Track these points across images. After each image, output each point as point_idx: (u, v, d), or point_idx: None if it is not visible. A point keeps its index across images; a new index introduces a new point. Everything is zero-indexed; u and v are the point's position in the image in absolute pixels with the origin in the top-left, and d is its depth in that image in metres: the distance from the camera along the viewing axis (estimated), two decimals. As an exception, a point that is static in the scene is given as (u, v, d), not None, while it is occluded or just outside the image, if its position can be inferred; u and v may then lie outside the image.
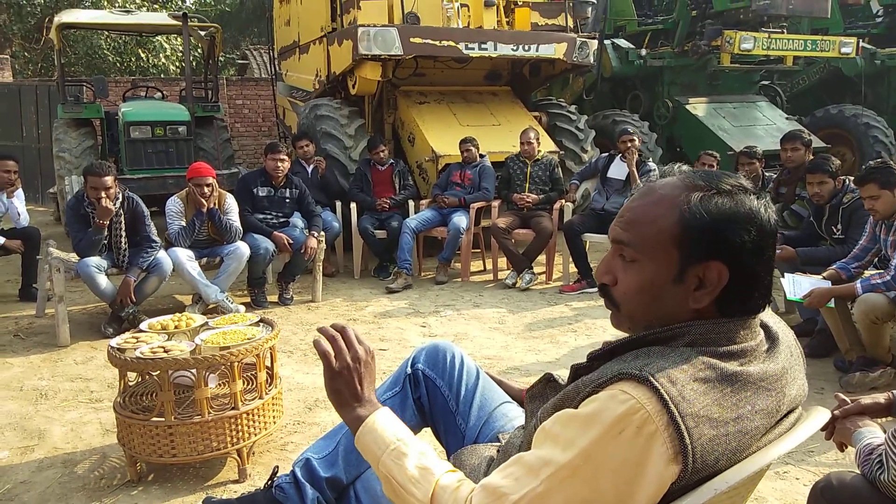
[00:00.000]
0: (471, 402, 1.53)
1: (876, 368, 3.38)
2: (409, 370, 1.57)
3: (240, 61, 16.74)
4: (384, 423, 1.14)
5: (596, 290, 5.51)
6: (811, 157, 4.68)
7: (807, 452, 2.74)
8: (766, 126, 8.29)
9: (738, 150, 7.10)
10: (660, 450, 0.88)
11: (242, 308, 4.67)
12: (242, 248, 4.83)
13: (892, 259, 3.24)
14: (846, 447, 1.64)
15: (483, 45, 6.52)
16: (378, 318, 4.80)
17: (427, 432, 1.64)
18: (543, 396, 1.19)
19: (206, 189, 4.71)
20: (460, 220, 5.72)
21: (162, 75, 14.80)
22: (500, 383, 1.54)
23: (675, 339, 1.00)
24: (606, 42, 8.42)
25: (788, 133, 5.01)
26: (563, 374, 1.22)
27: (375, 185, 6.16)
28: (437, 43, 6.37)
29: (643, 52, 8.54)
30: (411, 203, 6.20)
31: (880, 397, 1.70)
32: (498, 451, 1.32)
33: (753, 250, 0.98)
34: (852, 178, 3.98)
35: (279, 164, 5.30)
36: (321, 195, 6.03)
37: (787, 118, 8.56)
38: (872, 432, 1.57)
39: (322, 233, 5.36)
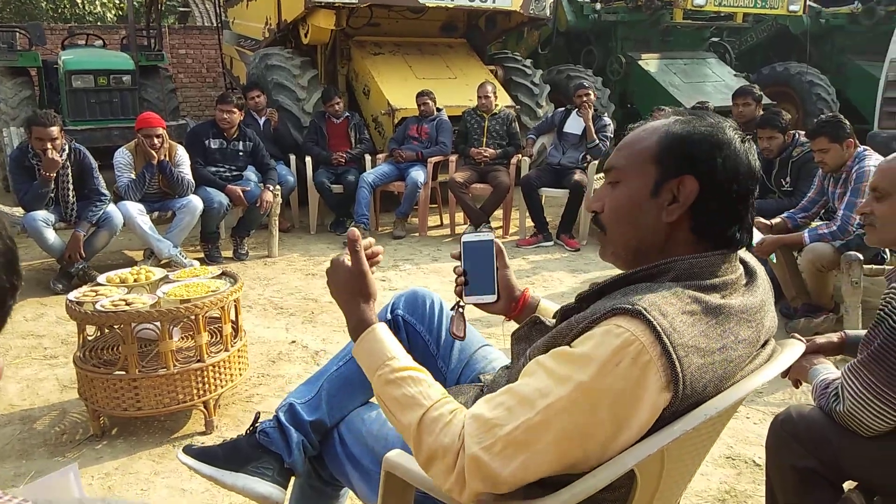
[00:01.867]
0: (451, 345, 1.55)
1: (819, 314, 3.55)
2: (388, 316, 1.58)
3: (181, 9, 16.03)
4: (385, 335, 1.18)
5: (552, 243, 5.64)
6: (761, 112, 4.80)
7: (756, 393, 2.88)
8: (715, 83, 8.42)
9: (688, 106, 7.24)
10: (654, 378, 0.92)
11: (196, 263, 4.58)
12: (195, 202, 4.71)
13: (839, 211, 3.38)
14: (801, 384, 1.74)
15: (439, -4, 6.40)
16: (337, 272, 4.77)
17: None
18: (529, 338, 1.21)
19: (156, 140, 4.55)
20: (418, 174, 5.69)
21: (99, 23, 14.08)
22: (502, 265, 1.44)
23: (661, 275, 1.04)
24: (562, -5, 8.38)
25: (740, 88, 5.11)
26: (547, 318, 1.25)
27: (330, 139, 6.05)
28: (392, -9, 6.23)
29: (598, 6, 8.52)
30: (367, 157, 6.13)
31: (834, 336, 1.80)
32: (482, 390, 1.35)
33: (725, 172, 1.03)
34: (802, 132, 4.11)
35: (226, 115, 5.12)
36: (274, 148, 5.89)
37: (735, 75, 8.70)
38: (827, 368, 1.67)
39: (278, 186, 5.26)
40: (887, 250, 3.40)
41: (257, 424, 1.56)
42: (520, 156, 5.97)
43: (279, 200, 5.27)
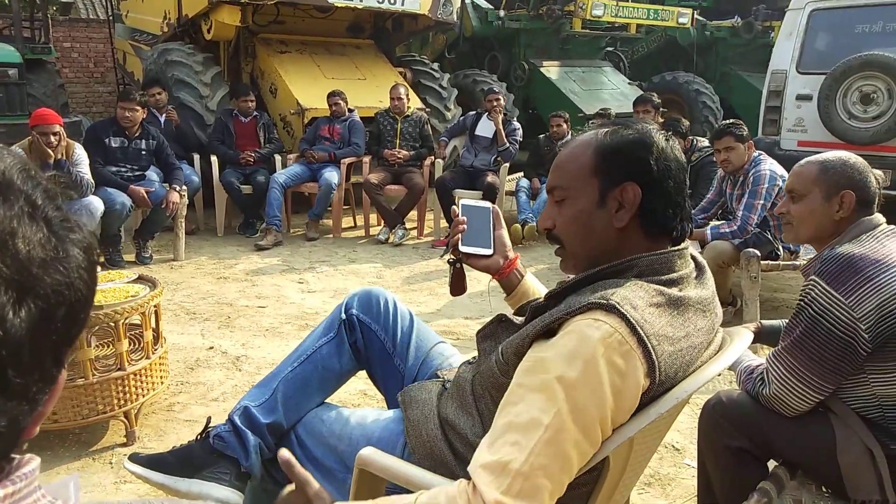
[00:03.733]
0: (407, 343, 1.57)
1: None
2: (343, 315, 1.58)
3: (63, 0, 15.02)
4: None
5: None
6: (661, 119, 5.09)
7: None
8: (611, 90, 8.83)
9: (587, 112, 7.57)
10: (636, 365, 0.99)
11: (98, 268, 4.33)
12: (95, 203, 4.44)
13: (737, 211, 3.64)
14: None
15: (348, -4, 6.36)
16: (251, 276, 4.65)
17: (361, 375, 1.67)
18: (495, 336, 1.25)
19: (52, 138, 4.26)
20: (331, 175, 5.63)
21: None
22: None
23: (626, 271, 1.11)
24: (467, 1, 8.51)
25: (640, 97, 5.40)
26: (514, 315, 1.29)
27: (238, 138, 5.87)
28: (299, -11, 6.13)
29: (501, 13, 8.74)
30: (278, 157, 6.00)
31: (751, 326, 1.95)
32: (444, 386, 1.38)
33: (660, 170, 1.12)
34: (700, 137, 4.40)
35: (128, 114, 4.85)
36: (177, 147, 5.63)
37: (629, 83, 9.18)
38: (749, 356, 1.81)
39: (184, 186, 5.06)
40: (780, 248, 3.71)
41: (209, 430, 1.51)
42: (433, 157, 6.03)
43: (185, 201, 5.06)
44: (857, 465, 1.53)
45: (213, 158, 5.76)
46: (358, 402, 2.82)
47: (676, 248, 1.15)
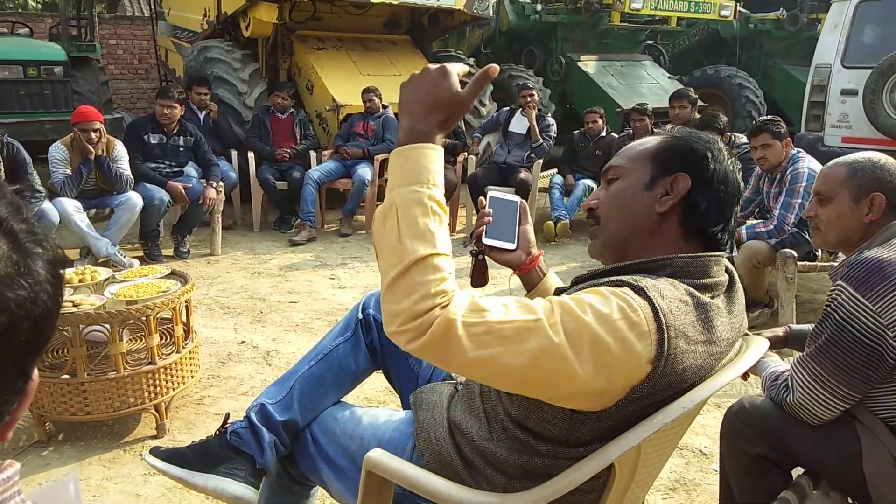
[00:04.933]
0: (423, 344, 1.57)
1: (755, 309, 3.73)
2: (360, 315, 1.59)
3: (110, -3, 15.42)
4: (442, 165, 1.04)
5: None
6: (697, 114, 4.99)
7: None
8: (650, 84, 8.69)
9: (625, 107, 7.46)
10: (644, 347, 0.97)
11: (136, 262, 4.44)
12: (135, 199, 4.57)
13: (774, 210, 3.55)
14: (749, 375, 1.84)
15: (382, -10, 6.39)
16: (284, 272, 4.72)
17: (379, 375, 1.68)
18: None
19: (93, 134, 4.38)
20: (365, 171, 5.67)
21: (20, 11, 13.40)
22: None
23: (659, 269, 1.10)
24: (504, -5, 8.48)
25: (676, 91, 5.30)
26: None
27: (275, 134, 5.96)
28: (335, -14, 6.18)
29: (538, 7, 8.66)
30: (312, 154, 6.06)
31: (779, 330, 1.91)
32: (456, 388, 1.38)
33: (716, 174, 1.13)
34: (739, 134, 4.30)
35: (167, 111, 4.97)
36: (215, 143, 5.74)
37: (669, 77, 9.00)
38: (775, 361, 1.77)
39: (221, 182, 5.15)
40: (818, 248, 3.61)
41: (227, 425, 1.54)
42: (466, 154, 6.02)
43: (222, 197, 5.16)
44: (883, 475, 1.48)
45: (251, 155, 5.85)
46: (384, 398, 2.84)
47: (714, 253, 1.14)
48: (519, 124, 5.93)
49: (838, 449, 1.54)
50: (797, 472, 1.66)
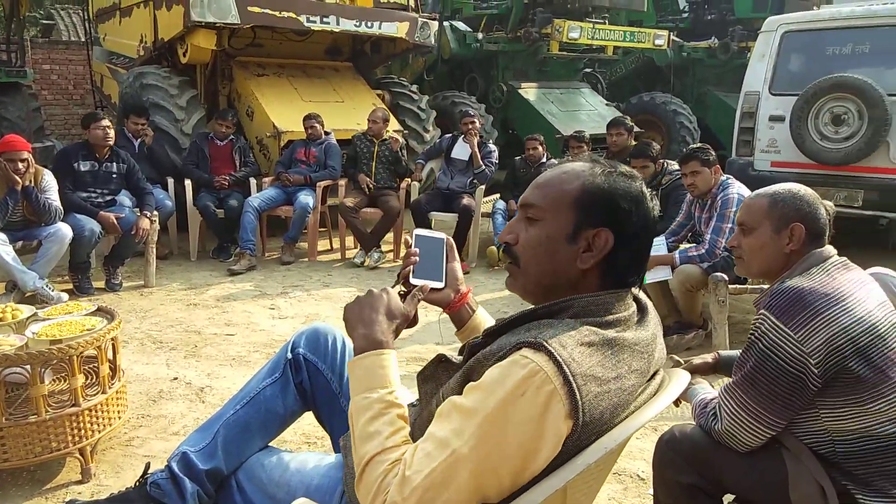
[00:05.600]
0: (354, 382, 1.54)
1: (690, 331, 3.81)
2: (289, 355, 1.55)
3: (44, 21, 14.98)
4: (395, 366, 1.17)
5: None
6: (633, 141, 5.12)
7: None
8: (589, 111, 8.89)
9: (565, 133, 7.61)
10: (557, 406, 0.97)
11: (65, 296, 4.27)
12: (64, 230, 4.39)
13: (705, 235, 3.65)
14: (680, 402, 1.86)
15: (325, 19, 6.39)
16: (221, 302, 4.60)
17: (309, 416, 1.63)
18: (436, 377, 1.23)
19: (20, 164, 4.21)
20: (307, 198, 5.61)
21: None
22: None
23: (562, 311, 1.10)
24: (445, 24, 8.56)
25: (613, 119, 5.43)
26: (453, 354, 1.27)
27: (213, 161, 5.84)
28: (276, 13, 6.14)
29: (479, 35, 8.79)
30: (253, 181, 5.96)
31: (708, 357, 1.95)
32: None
33: (637, 227, 1.12)
34: (670, 161, 4.42)
35: (106, 132, 4.81)
36: (151, 171, 5.60)
37: (606, 104, 9.24)
38: (704, 388, 1.80)
39: (155, 212, 5.01)
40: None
41: (147, 475, 1.47)
42: (409, 180, 6.02)
43: (156, 227, 5.01)
44: (809, 501, 1.51)
45: (188, 182, 5.72)
46: (322, 434, 2.76)
47: (615, 290, 1.14)
48: (461, 151, 5.97)
49: (766, 476, 1.56)
50: (728, 499, 1.68)
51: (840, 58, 5.81)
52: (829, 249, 1.65)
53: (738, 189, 3.64)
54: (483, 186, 5.93)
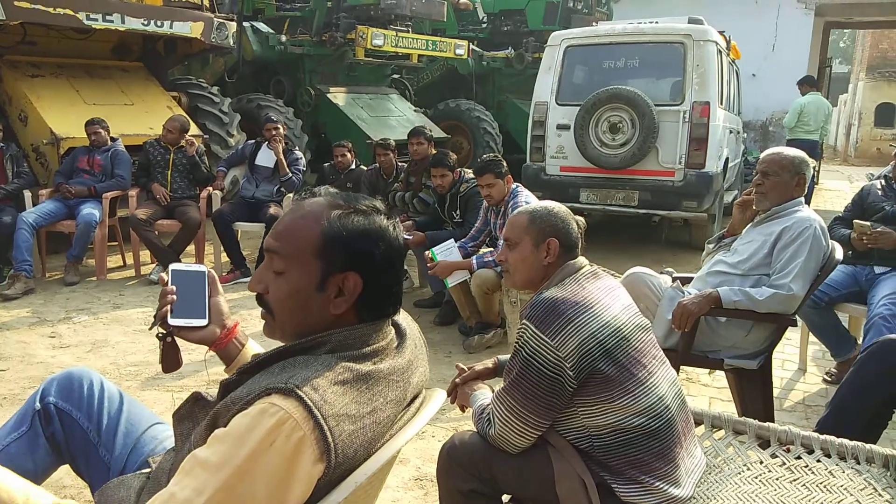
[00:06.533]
0: (115, 430, 1.43)
1: (490, 330, 4.03)
2: (37, 405, 1.41)
3: None
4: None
5: (250, 279, 5.51)
6: (433, 150, 5.29)
7: (441, 412, 3.15)
8: (398, 117, 9.05)
9: (375, 139, 7.68)
10: (307, 452, 0.97)
11: None
12: None
13: (499, 240, 3.87)
14: (466, 408, 1.96)
15: (108, 17, 5.89)
16: (-9, 332, 4.10)
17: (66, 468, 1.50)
18: (192, 417, 1.19)
19: None
20: (91, 211, 5.14)
21: None
22: None
23: (318, 347, 1.11)
24: (246, 24, 8.25)
25: (413, 130, 5.57)
26: (212, 392, 1.23)
27: (-23, 173, 5.18)
28: (50, 10, 5.56)
29: (283, 38, 8.60)
30: (28, 193, 5.36)
31: (489, 363, 2.06)
32: (148, 477, 1.28)
33: (383, 263, 1.14)
34: (468, 170, 4.63)
35: None
36: None
37: (415, 110, 9.46)
38: (484, 394, 1.90)
39: None
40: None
41: None
42: (210, 189, 5.75)
43: None
44: (572, 495, 1.65)
45: (-54, 197, 5.02)
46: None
47: (372, 321, 1.16)
48: (266, 158, 5.80)
49: (535, 473, 1.69)
50: (507, 498, 1.79)
51: (615, 71, 6.44)
52: (581, 261, 1.81)
53: (525, 197, 3.91)
54: (291, 195, 5.81)
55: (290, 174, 5.71)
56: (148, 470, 1.34)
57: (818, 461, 1.87)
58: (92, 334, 4.12)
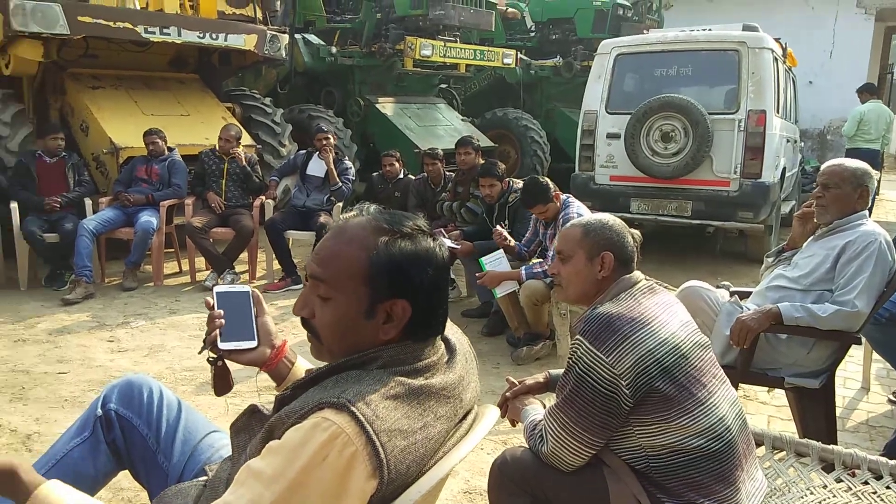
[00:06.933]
0: (173, 437, 1.46)
1: (538, 342, 3.99)
2: (99, 411, 1.44)
3: None
4: (59, 491, 1.04)
5: (301, 286, 5.59)
6: (481, 160, 5.29)
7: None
8: (445, 126, 9.08)
9: (423, 148, 7.72)
10: (360, 468, 0.97)
11: None
12: None
13: (549, 250, 3.84)
14: (517, 423, 1.94)
15: (165, 30, 6.06)
16: (54, 336, 4.24)
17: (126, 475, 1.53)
18: (249, 429, 1.20)
19: None
20: (149, 219, 5.29)
21: None
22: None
23: (370, 363, 1.11)
24: (298, 36, 8.41)
25: (461, 139, 5.58)
26: (265, 401, 1.24)
27: (42, 181, 5.37)
28: (111, 24, 5.75)
29: (333, 49, 8.73)
30: (88, 201, 5.55)
31: (540, 377, 2.03)
32: (205, 485, 1.29)
33: (431, 286, 1.13)
34: (516, 179, 4.61)
35: None
36: (-31, 194, 5.08)
37: (462, 119, 9.48)
38: (536, 409, 1.87)
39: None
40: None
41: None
42: (263, 198, 5.86)
43: (-24, 256, 4.54)
44: (628, 515, 1.61)
45: (14, 205, 5.22)
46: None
47: (421, 340, 1.16)
48: (316, 167, 5.88)
49: (589, 493, 1.65)
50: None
51: (667, 79, 6.33)
52: (637, 275, 1.77)
53: (577, 208, 3.87)
54: (340, 204, 5.88)
55: (340, 183, 5.78)
56: (205, 478, 1.36)
57: (887, 487, 1.79)
58: (149, 339, 4.23)
